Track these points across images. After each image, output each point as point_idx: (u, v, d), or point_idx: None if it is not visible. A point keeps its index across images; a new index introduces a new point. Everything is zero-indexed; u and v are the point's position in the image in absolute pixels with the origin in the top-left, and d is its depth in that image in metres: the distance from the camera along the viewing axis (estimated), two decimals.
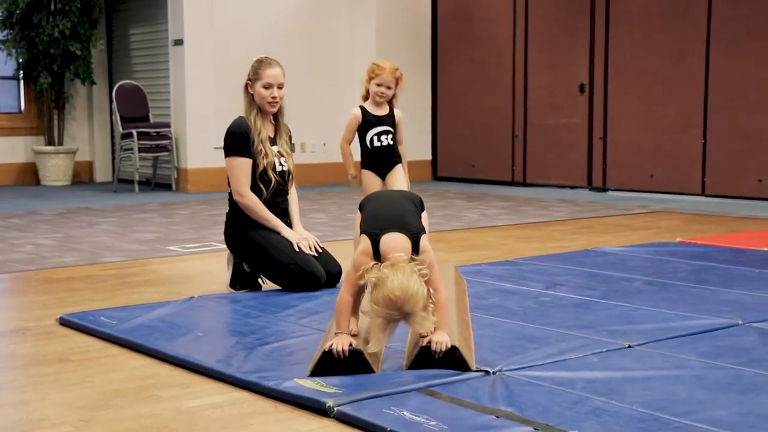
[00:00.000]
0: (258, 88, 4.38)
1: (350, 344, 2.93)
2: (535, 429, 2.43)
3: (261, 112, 4.43)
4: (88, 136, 10.87)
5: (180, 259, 5.49)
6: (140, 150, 9.62)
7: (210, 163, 9.45)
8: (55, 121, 10.40)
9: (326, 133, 10.34)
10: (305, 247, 4.38)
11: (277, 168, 4.44)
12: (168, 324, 3.67)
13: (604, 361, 3.08)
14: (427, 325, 2.85)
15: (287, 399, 2.75)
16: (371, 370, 2.92)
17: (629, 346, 3.26)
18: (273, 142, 4.48)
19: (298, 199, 4.65)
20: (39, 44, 9.87)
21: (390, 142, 4.92)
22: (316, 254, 4.41)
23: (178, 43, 9.64)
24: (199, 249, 5.78)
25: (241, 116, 4.45)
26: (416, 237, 3.00)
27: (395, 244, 2.95)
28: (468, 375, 2.89)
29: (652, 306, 3.90)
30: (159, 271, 5.11)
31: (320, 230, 6.28)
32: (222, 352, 3.26)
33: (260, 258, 4.38)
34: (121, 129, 9.65)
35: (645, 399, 2.67)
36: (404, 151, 5.03)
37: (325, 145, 10.40)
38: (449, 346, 2.94)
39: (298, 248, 4.35)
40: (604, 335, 3.40)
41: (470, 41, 10.62)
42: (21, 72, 10.32)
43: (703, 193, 8.76)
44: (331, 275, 4.38)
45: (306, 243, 4.41)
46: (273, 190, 4.42)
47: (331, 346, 2.92)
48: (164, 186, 9.98)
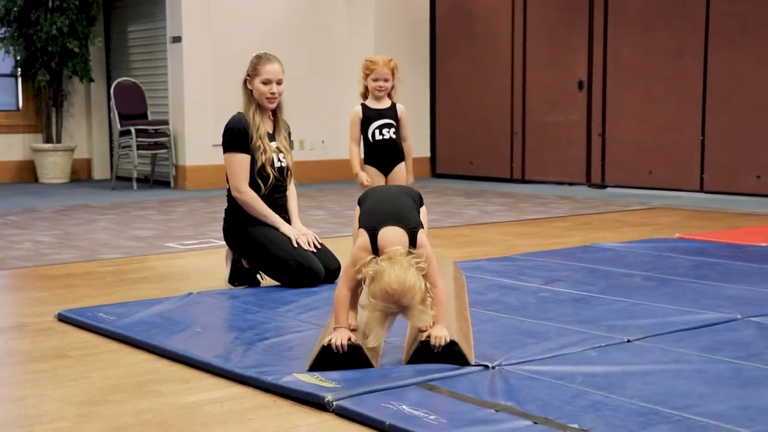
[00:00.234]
0: (257, 84, 4.38)
1: (349, 339, 2.92)
2: (535, 423, 2.43)
3: (260, 107, 4.42)
4: (87, 133, 10.86)
5: (178, 255, 5.48)
6: (138, 147, 9.61)
7: (208, 161, 9.44)
8: (54, 119, 10.39)
9: (325, 131, 10.35)
10: (304, 243, 4.38)
11: (276, 164, 4.44)
12: (167, 320, 3.67)
13: (604, 356, 3.08)
14: (426, 318, 2.85)
15: (286, 394, 2.74)
16: (370, 365, 2.91)
17: (628, 341, 3.26)
18: (272, 138, 4.47)
19: (297, 195, 4.65)
20: (37, 41, 9.86)
21: (392, 136, 4.88)
22: (315, 250, 4.41)
23: (177, 40, 9.63)
24: (197, 246, 5.78)
25: (239, 112, 4.44)
26: (414, 231, 3.01)
27: (393, 238, 2.95)
28: (467, 369, 2.89)
29: (651, 301, 3.90)
30: (157, 267, 5.10)
31: (319, 227, 6.27)
32: (221, 347, 3.25)
33: (259, 254, 4.37)
34: (119, 126, 9.64)
35: (645, 393, 2.67)
36: (409, 147, 4.97)
37: (323, 142, 10.40)
38: (448, 340, 2.94)
39: (296, 244, 4.35)
40: (603, 330, 3.40)
41: (469, 38, 10.61)
42: (19, 69, 10.31)
43: (701, 190, 8.76)
44: (329, 271, 4.37)
45: (305, 239, 4.41)
46: (271, 186, 4.41)
47: (330, 340, 2.92)
48: (163, 183, 9.97)
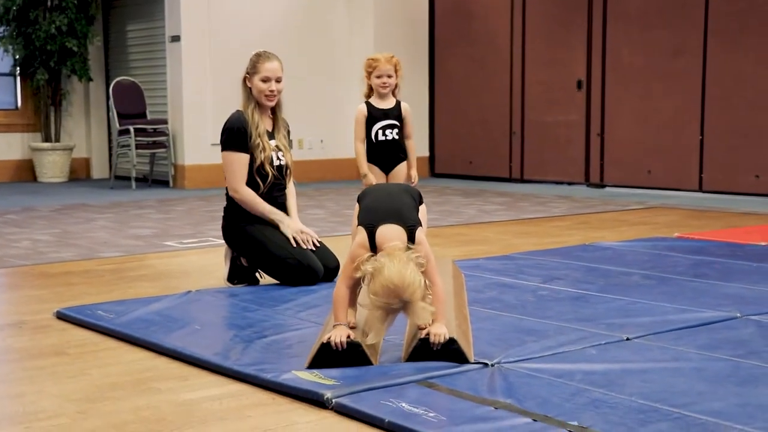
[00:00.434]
0: (256, 82, 4.37)
1: (348, 336, 2.92)
2: (534, 420, 2.43)
3: (259, 106, 4.41)
4: (85, 132, 10.85)
5: (177, 254, 5.48)
6: (137, 146, 9.60)
7: (207, 160, 9.43)
8: (52, 118, 10.38)
9: (324, 130, 10.34)
10: (302, 241, 4.37)
11: (275, 162, 4.43)
12: (165, 317, 3.66)
13: (603, 354, 3.07)
14: (426, 315, 2.85)
15: (285, 391, 2.74)
16: (369, 362, 2.91)
17: (628, 339, 3.26)
18: (271, 136, 4.46)
19: (296, 194, 4.63)
20: (36, 40, 9.85)
21: (395, 137, 4.84)
22: (314, 248, 4.41)
23: (175, 39, 9.62)
24: (196, 244, 5.77)
25: (238, 110, 4.43)
26: (412, 229, 3.00)
27: (391, 235, 2.95)
28: (466, 367, 2.89)
29: (650, 299, 3.90)
30: (156, 266, 5.10)
31: (318, 226, 6.27)
32: (220, 345, 3.25)
33: (258, 252, 4.37)
34: (118, 125, 9.63)
35: (644, 390, 2.66)
36: (413, 145, 4.91)
37: (322, 141, 10.39)
38: (447, 338, 2.93)
39: (295, 243, 4.35)
40: (602, 328, 3.40)
41: (468, 38, 10.61)
42: (18, 68, 10.30)
43: (700, 189, 8.76)
44: (329, 269, 4.37)
45: (304, 236, 4.40)
46: (270, 184, 4.40)
47: (330, 338, 2.91)
48: (161, 183, 9.96)
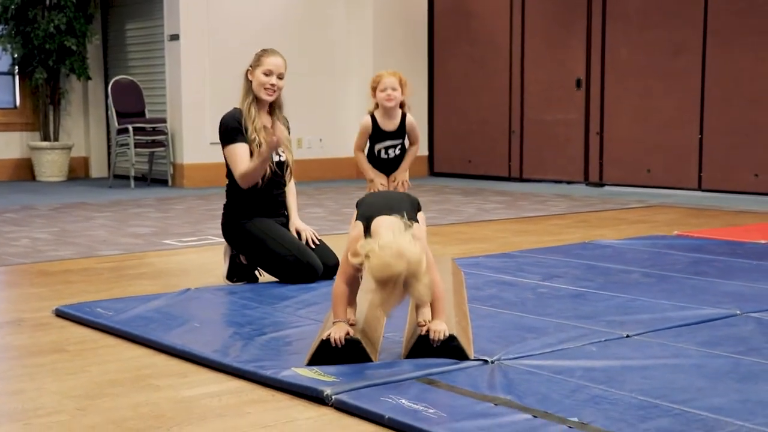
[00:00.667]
0: (258, 74, 4.34)
1: (348, 333, 2.91)
2: (534, 416, 2.42)
3: (257, 101, 4.39)
4: (84, 131, 10.84)
5: (176, 252, 5.47)
6: (136, 145, 9.59)
7: (206, 159, 9.42)
8: (51, 117, 10.36)
9: (323, 129, 10.34)
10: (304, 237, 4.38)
11: (274, 158, 4.41)
12: (164, 315, 3.66)
13: (603, 351, 3.07)
14: (427, 292, 2.74)
15: (285, 388, 2.73)
16: (369, 359, 2.91)
17: (627, 336, 3.26)
18: None
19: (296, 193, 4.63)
20: (34, 39, 9.84)
21: (398, 153, 4.76)
22: (314, 246, 4.40)
23: (174, 38, 9.61)
24: (195, 243, 5.77)
25: (235, 108, 4.41)
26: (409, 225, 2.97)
27: (387, 222, 2.90)
28: (466, 364, 2.89)
29: (650, 297, 3.89)
30: (155, 264, 5.09)
31: (317, 224, 6.25)
32: (219, 342, 3.25)
33: (257, 250, 4.36)
34: (116, 124, 9.62)
35: (644, 387, 2.66)
36: (415, 150, 4.84)
37: (321, 140, 10.39)
38: (447, 334, 2.93)
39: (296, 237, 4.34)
40: (602, 325, 3.40)
41: (467, 37, 10.60)
42: (16, 67, 10.29)
43: (699, 188, 8.76)
44: (328, 267, 4.36)
45: (303, 235, 4.40)
46: (268, 180, 4.38)
47: (329, 335, 2.91)
48: (160, 181, 9.95)
